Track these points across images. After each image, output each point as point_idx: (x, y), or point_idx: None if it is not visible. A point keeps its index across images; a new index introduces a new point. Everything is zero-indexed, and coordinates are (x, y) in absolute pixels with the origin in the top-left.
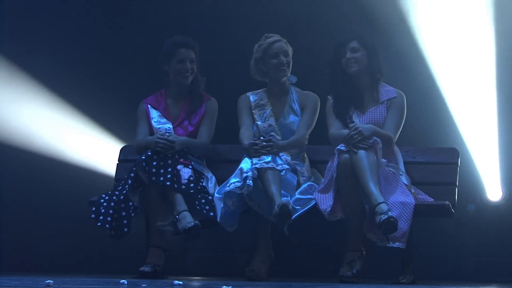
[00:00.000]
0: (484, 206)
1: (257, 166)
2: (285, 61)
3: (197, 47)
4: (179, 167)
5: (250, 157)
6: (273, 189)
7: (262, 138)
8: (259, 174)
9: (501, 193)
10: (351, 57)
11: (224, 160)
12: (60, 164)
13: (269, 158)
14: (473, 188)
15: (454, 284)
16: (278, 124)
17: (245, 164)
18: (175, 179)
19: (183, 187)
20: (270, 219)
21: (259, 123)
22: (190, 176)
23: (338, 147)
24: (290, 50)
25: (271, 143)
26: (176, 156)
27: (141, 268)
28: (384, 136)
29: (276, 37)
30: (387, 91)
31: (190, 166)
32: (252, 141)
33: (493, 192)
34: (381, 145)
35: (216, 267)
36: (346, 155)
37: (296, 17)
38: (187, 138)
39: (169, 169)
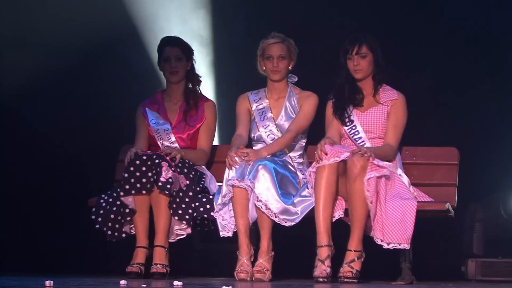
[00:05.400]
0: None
1: (228, 183)
2: (277, 65)
3: (185, 46)
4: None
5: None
6: (240, 225)
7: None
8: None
9: None
10: (358, 64)
11: (224, 160)
12: (60, 163)
13: (234, 173)
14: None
15: (454, 284)
16: (277, 123)
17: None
18: (153, 178)
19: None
20: (272, 217)
21: (258, 122)
22: (169, 178)
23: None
24: (290, 52)
25: (246, 155)
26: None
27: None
28: (389, 156)
29: (277, 38)
30: (388, 92)
31: (173, 168)
32: (230, 152)
33: None
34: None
35: (216, 267)
36: (336, 158)
37: (297, 18)
38: (187, 151)
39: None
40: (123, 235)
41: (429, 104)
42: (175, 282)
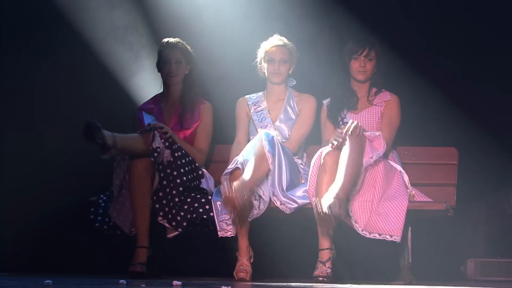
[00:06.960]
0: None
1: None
2: (279, 68)
3: (185, 49)
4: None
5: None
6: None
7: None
8: None
9: None
10: (365, 66)
11: (224, 160)
12: (60, 163)
13: None
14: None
15: (454, 284)
16: (276, 125)
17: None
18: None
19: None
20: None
21: (256, 123)
22: (158, 147)
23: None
24: (291, 57)
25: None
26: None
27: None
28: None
29: (279, 41)
30: (382, 94)
31: (163, 140)
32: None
33: None
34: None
35: (215, 267)
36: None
37: (297, 20)
38: (182, 140)
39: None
40: (118, 232)
41: (429, 104)
42: (175, 282)
